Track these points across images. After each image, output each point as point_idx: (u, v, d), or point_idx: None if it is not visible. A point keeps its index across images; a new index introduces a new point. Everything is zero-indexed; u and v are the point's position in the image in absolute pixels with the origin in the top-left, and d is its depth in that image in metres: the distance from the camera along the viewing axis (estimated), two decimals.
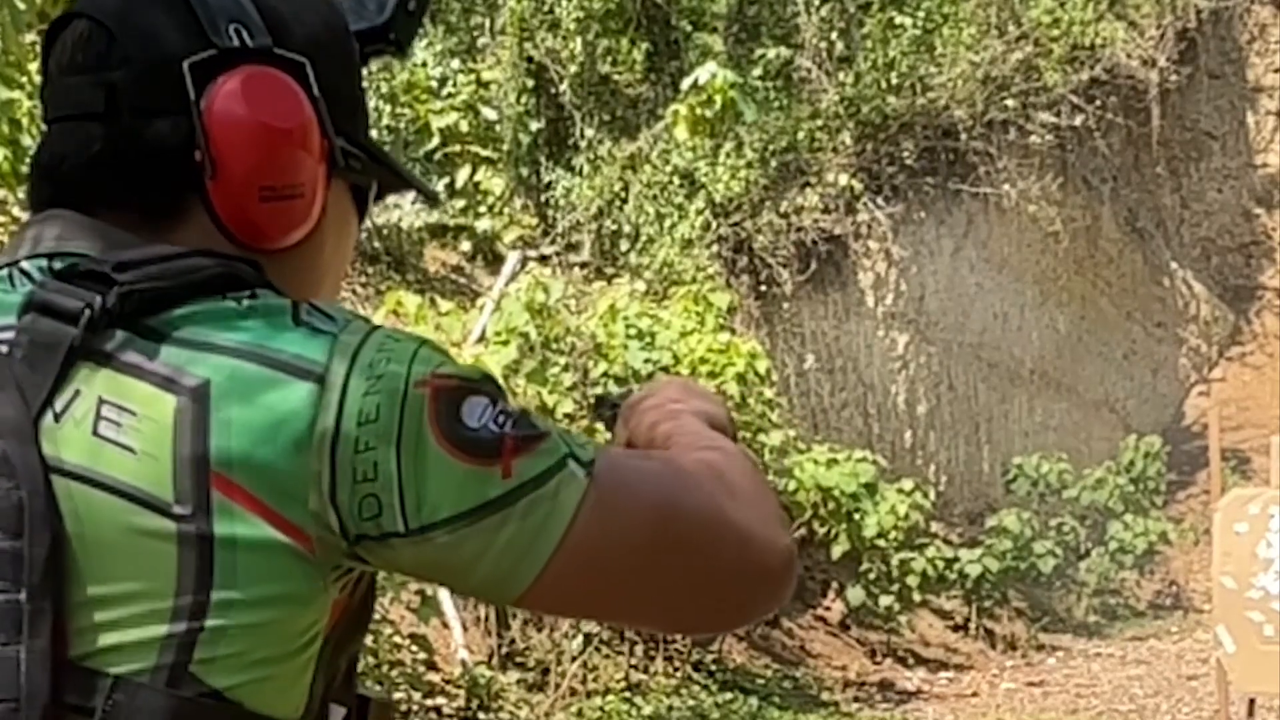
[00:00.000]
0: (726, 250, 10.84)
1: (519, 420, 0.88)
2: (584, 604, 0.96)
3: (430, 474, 0.85)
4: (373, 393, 0.85)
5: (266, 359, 0.86)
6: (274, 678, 0.86)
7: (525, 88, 11.28)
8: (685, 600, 0.93)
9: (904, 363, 12.35)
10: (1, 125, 4.64)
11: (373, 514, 0.85)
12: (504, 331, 7.67)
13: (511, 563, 0.87)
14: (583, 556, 0.88)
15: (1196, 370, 15.99)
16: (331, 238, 0.99)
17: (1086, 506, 12.09)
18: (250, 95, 0.91)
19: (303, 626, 0.87)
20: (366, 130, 1.02)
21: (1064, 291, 14.23)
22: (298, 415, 0.84)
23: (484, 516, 0.86)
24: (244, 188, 0.91)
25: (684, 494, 0.92)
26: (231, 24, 0.92)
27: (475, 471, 0.85)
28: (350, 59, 1.00)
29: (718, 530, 0.92)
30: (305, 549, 0.85)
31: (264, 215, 0.92)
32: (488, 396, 0.88)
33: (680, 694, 8.19)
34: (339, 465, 0.84)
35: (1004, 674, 10.12)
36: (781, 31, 11.74)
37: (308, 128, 0.93)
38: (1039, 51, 12.94)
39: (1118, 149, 14.29)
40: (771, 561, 0.95)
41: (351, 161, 0.97)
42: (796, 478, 9.12)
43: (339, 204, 0.99)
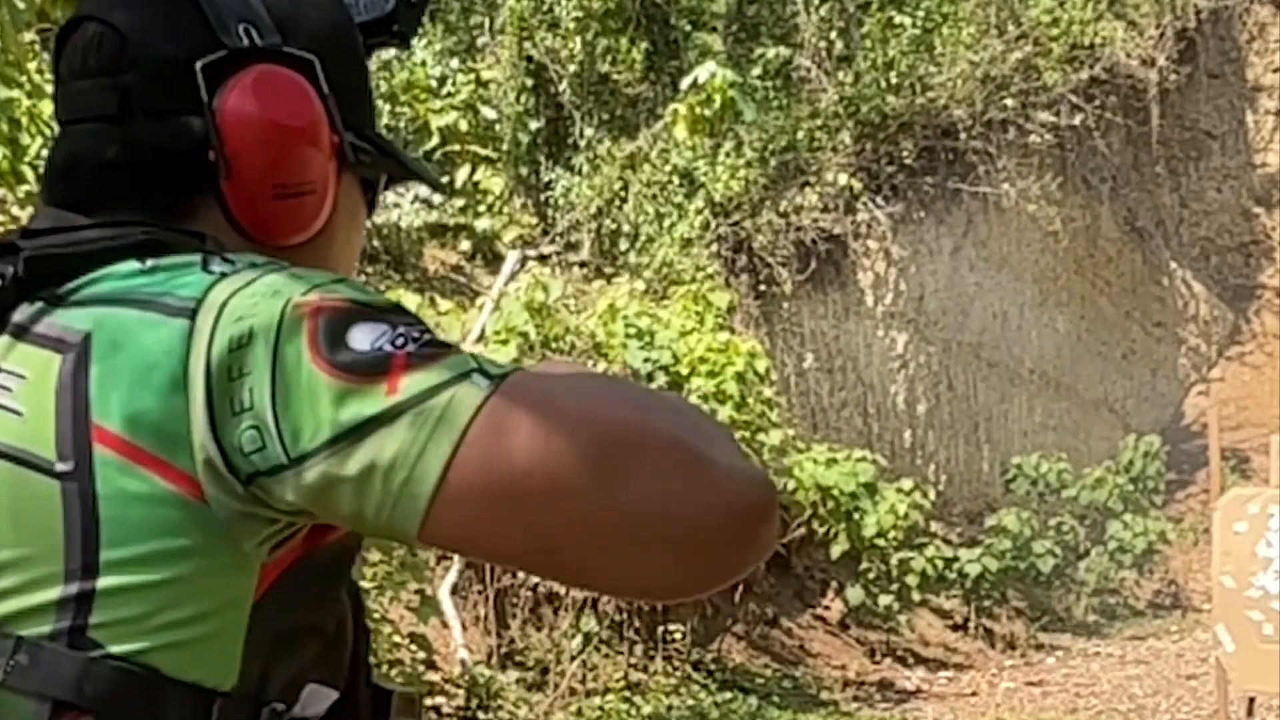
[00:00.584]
0: (726, 249, 10.84)
1: (428, 343, 0.81)
2: (496, 540, 0.80)
3: (306, 397, 0.79)
4: (247, 318, 0.81)
5: (147, 303, 0.84)
6: (189, 643, 0.82)
7: (525, 87, 11.28)
8: (628, 540, 0.77)
9: (903, 362, 12.35)
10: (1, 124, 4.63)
11: (257, 447, 0.80)
12: (503, 331, 7.67)
13: (401, 484, 0.78)
14: (484, 475, 0.77)
15: (1196, 370, 15.99)
16: (343, 230, 1.00)
17: (1086, 506, 12.09)
18: (262, 95, 0.92)
19: (213, 587, 0.82)
20: (374, 123, 1.03)
21: (1063, 291, 14.23)
22: (170, 354, 0.82)
23: (365, 435, 0.78)
24: (258, 186, 0.92)
25: (618, 405, 0.79)
26: (241, 24, 0.94)
27: (355, 389, 0.79)
28: (355, 53, 1.01)
29: (666, 447, 0.77)
30: (196, 498, 0.81)
31: (277, 212, 0.93)
32: (388, 324, 0.81)
33: (679, 693, 8.19)
34: (216, 399, 0.80)
35: (1003, 673, 10.13)
36: (781, 31, 11.74)
37: (318, 125, 0.94)
38: (1038, 51, 12.94)
39: (1117, 149, 14.29)
40: (743, 491, 0.78)
41: (361, 155, 0.98)
42: (796, 477, 9.12)
43: (349, 197, 1.00)
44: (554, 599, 8.04)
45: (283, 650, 0.86)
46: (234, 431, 0.80)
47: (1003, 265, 13.38)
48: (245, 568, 0.84)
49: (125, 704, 0.81)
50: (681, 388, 8.02)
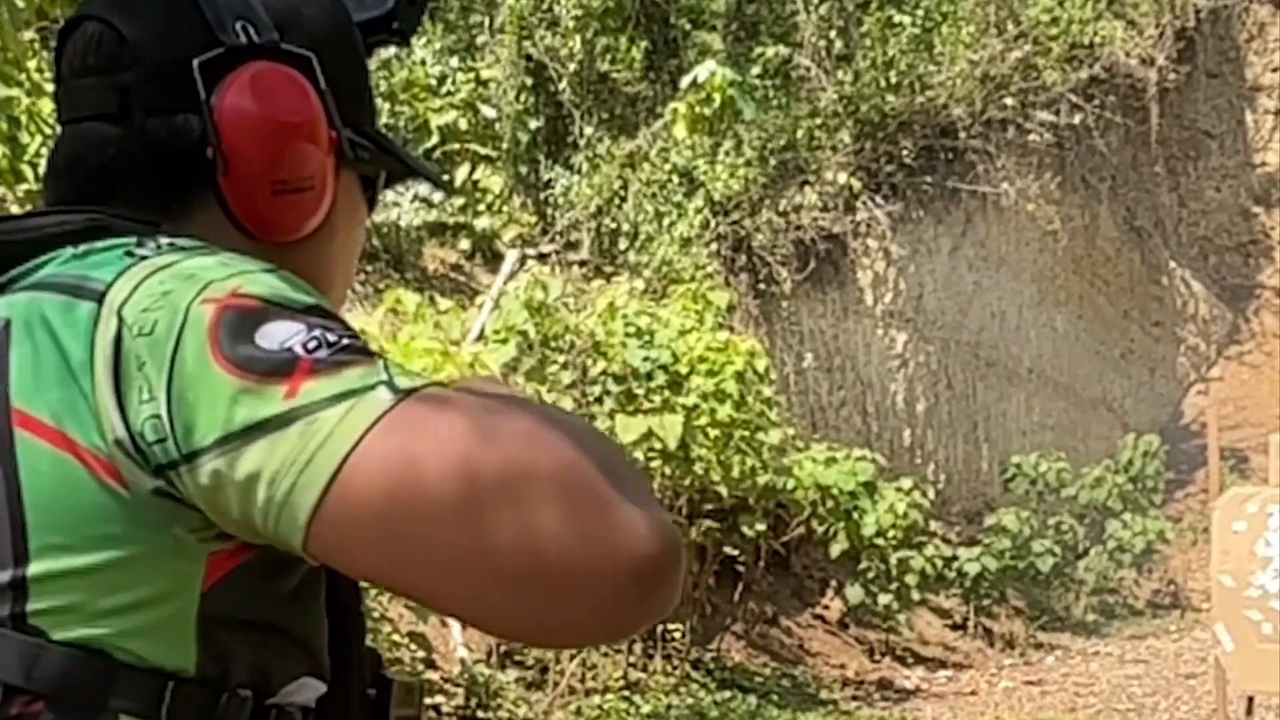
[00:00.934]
0: (725, 248, 10.84)
1: (342, 349, 0.79)
2: (375, 563, 0.76)
3: (203, 393, 0.77)
4: (154, 308, 0.80)
5: (65, 288, 0.84)
6: (137, 629, 0.81)
7: (524, 86, 11.28)
8: (506, 581, 0.74)
9: (902, 361, 12.35)
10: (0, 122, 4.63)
11: (159, 438, 0.79)
12: (503, 330, 7.67)
13: (284, 494, 0.75)
14: (366, 495, 0.74)
15: (1195, 369, 16.00)
16: (343, 227, 1.00)
17: (1085, 505, 12.10)
18: (259, 92, 0.92)
19: (152, 573, 0.81)
20: (374, 120, 1.03)
21: (1062, 290, 14.23)
22: (79, 339, 0.81)
23: (256, 437, 0.75)
24: (256, 183, 0.92)
25: (519, 439, 0.75)
26: (238, 21, 0.94)
27: (252, 389, 0.76)
28: (354, 50, 1.01)
29: (560, 489, 0.74)
30: (116, 483, 0.80)
31: (276, 209, 0.93)
32: (303, 324, 0.79)
33: (679, 692, 8.19)
34: (124, 386, 0.79)
35: (1002, 672, 10.13)
36: (780, 30, 11.74)
37: (316, 121, 0.94)
38: (1038, 50, 12.95)
39: (1116, 148, 14.30)
40: (639, 543, 0.73)
41: (360, 152, 0.98)
42: (795, 476, 9.12)
43: (349, 194, 1.00)
44: None
45: (245, 640, 0.84)
46: (139, 420, 0.79)
47: (1002, 264, 13.39)
48: (187, 554, 0.82)
49: (74, 688, 0.80)
50: (681, 386, 8.02)
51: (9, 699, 0.80)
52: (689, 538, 8.62)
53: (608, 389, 7.89)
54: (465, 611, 0.78)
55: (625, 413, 7.79)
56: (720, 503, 8.64)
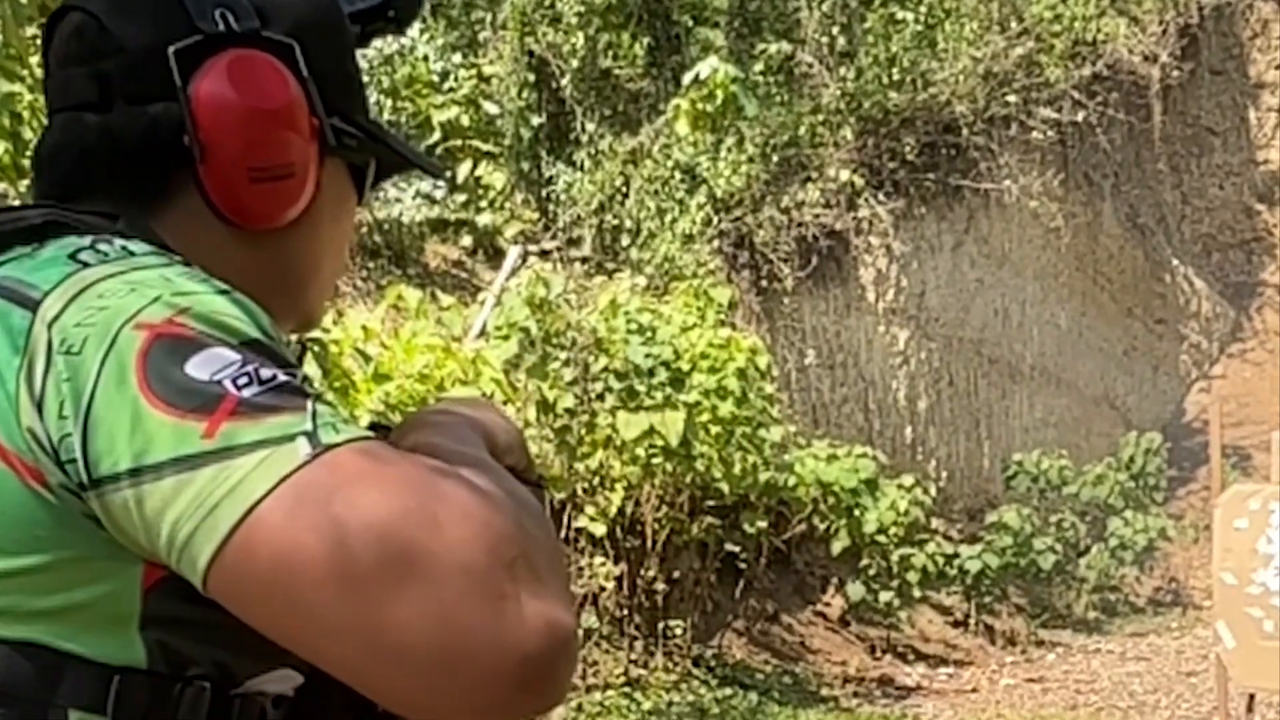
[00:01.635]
0: (727, 245, 10.83)
1: (273, 389, 0.76)
2: (267, 619, 0.75)
3: (120, 421, 0.75)
4: (86, 324, 0.79)
5: (6, 290, 0.83)
6: (79, 627, 0.80)
7: (526, 82, 11.28)
8: (386, 659, 0.72)
9: (905, 358, 12.35)
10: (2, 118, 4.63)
11: (69, 459, 0.77)
12: (505, 326, 7.67)
13: (186, 537, 0.74)
14: (262, 552, 0.73)
15: (1197, 366, 15.99)
16: (329, 216, 0.99)
17: (1087, 503, 12.10)
18: (235, 78, 0.92)
19: (89, 574, 0.79)
20: (364, 109, 1.02)
21: (1065, 287, 14.23)
22: (12, 344, 0.80)
23: (167, 474, 0.74)
24: (233, 169, 0.92)
25: (425, 516, 0.73)
26: (218, 9, 0.94)
27: (172, 425, 0.75)
28: (340, 38, 1.01)
29: (454, 573, 0.72)
30: (41, 487, 0.79)
31: (255, 196, 0.93)
32: (240, 358, 0.77)
33: (680, 689, 8.19)
34: (48, 398, 0.78)
35: (1004, 670, 10.13)
36: (783, 26, 11.73)
37: (295, 108, 0.93)
38: (1040, 47, 12.93)
39: (1119, 145, 14.28)
40: (526, 640, 0.72)
41: (346, 140, 0.97)
42: (797, 473, 9.12)
43: (335, 183, 0.99)
44: None
45: (197, 638, 0.83)
46: (59, 434, 0.78)
47: (1004, 261, 13.38)
48: (122, 556, 0.80)
49: (19, 684, 0.80)
50: (683, 383, 8.02)
51: None
52: (690, 534, 8.63)
53: (609, 386, 7.89)
54: (349, 679, 0.76)
55: (627, 409, 7.79)
56: (722, 499, 8.65)
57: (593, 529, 7.95)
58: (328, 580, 0.72)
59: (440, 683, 0.73)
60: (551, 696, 0.75)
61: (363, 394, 5.63)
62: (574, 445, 7.88)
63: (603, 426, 7.87)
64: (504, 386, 6.51)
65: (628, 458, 7.92)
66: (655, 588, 8.44)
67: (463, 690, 0.73)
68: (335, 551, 0.72)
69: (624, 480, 8.08)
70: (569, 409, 7.76)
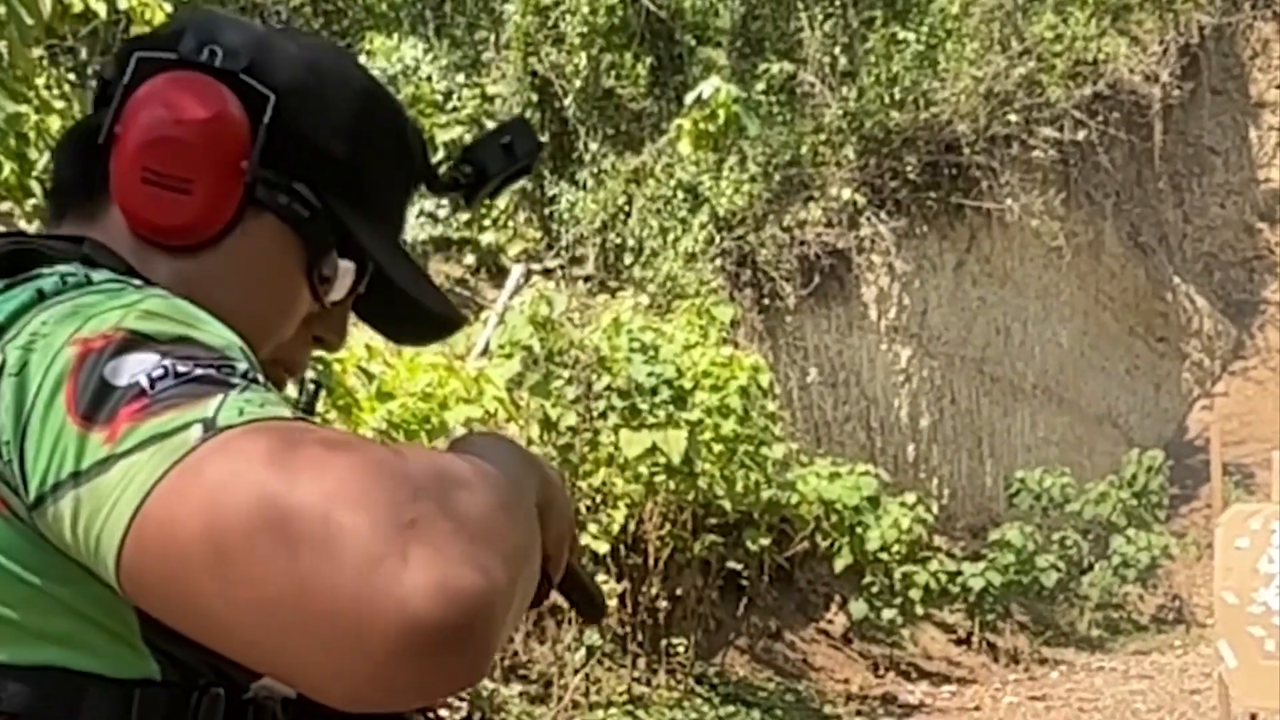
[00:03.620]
0: (730, 264, 10.86)
1: (187, 380, 0.75)
2: (166, 605, 0.73)
3: (45, 439, 0.75)
4: (31, 347, 0.78)
5: None
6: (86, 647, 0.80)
7: (530, 102, 11.33)
8: (282, 626, 0.69)
9: (907, 376, 12.37)
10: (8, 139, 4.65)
11: (9, 485, 0.77)
12: (508, 345, 7.69)
13: (96, 539, 0.73)
14: (156, 538, 0.71)
15: (1199, 384, 16.00)
16: (246, 275, 0.96)
17: (1089, 520, 12.09)
18: (170, 85, 0.94)
19: (77, 596, 0.79)
20: (360, 205, 1.00)
21: (1066, 306, 14.25)
22: None
23: (82, 483, 0.73)
24: (130, 163, 0.93)
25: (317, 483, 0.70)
26: (208, 45, 0.96)
27: (79, 436, 0.74)
28: (349, 123, 0.99)
29: (342, 534, 0.68)
30: (11, 515, 0.78)
31: (143, 197, 0.93)
32: (159, 354, 0.76)
33: (683, 707, 8.19)
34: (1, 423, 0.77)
35: (1006, 688, 10.12)
36: (785, 46, 11.78)
37: (216, 130, 0.93)
38: (1042, 67, 12.99)
39: (1120, 164, 14.32)
40: (427, 607, 0.67)
41: (293, 205, 0.96)
42: (799, 491, 9.13)
43: (267, 244, 0.97)
44: (557, 612, 8.05)
45: (195, 646, 0.80)
46: (5, 458, 0.77)
47: (1006, 280, 13.41)
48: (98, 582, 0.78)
49: (44, 706, 0.80)
50: (685, 402, 8.04)
51: None
52: (693, 552, 8.64)
53: (612, 404, 7.91)
54: (245, 658, 0.73)
55: (629, 427, 7.81)
56: (724, 517, 8.66)
57: (595, 547, 7.95)
58: (205, 560, 0.70)
59: (333, 652, 0.68)
60: (465, 667, 0.69)
61: (366, 412, 5.65)
62: (576, 463, 7.90)
63: (605, 445, 7.89)
64: (507, 405, 6.53)
65: (630, 476, 7.94)
66: (658, 605, 8.45)
67: (355, 659, 0.68)
68: (209, 531, 0.69)
69: (626, 498, 8.09)
70: (572, 427, 7.79)
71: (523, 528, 0.77)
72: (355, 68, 1.03)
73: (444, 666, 0.68)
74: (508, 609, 0.72)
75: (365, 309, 1.08)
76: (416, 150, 1.06)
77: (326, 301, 1.01)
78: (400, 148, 1.04)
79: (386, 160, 1.03)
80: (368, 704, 0.71)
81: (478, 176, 1.09)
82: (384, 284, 1.02)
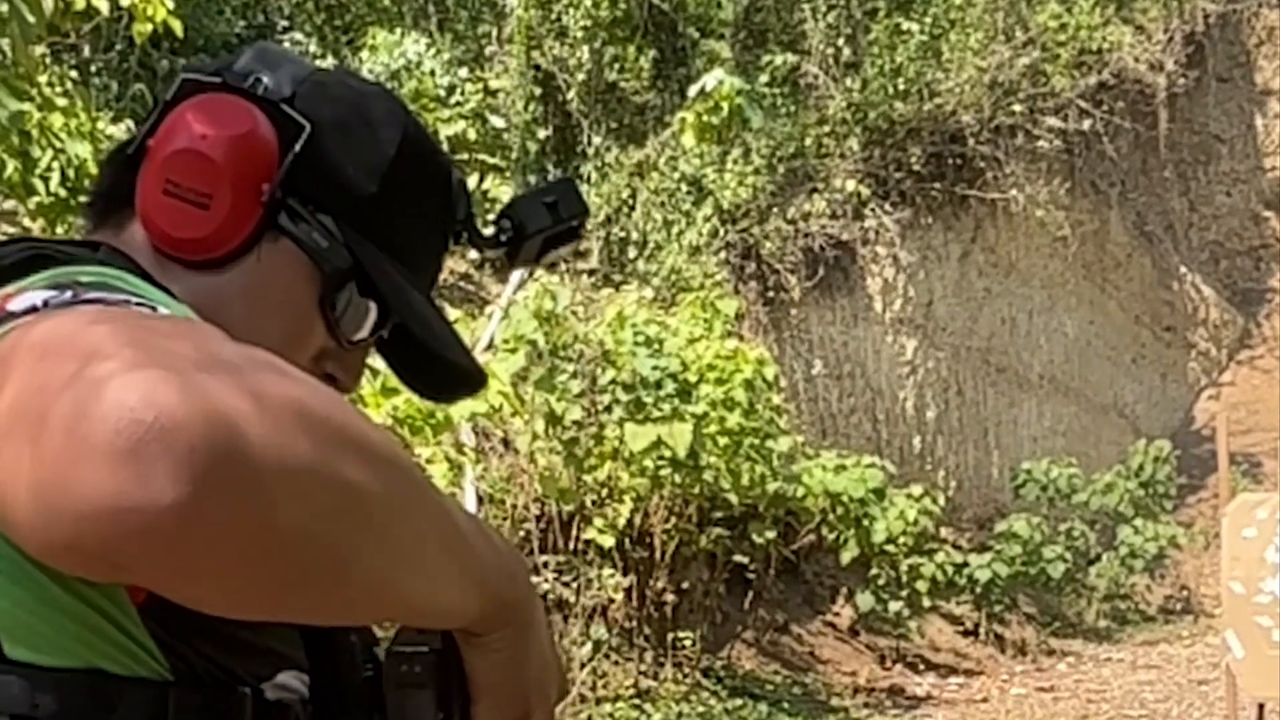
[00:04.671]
0: (734, 257, 10.85)
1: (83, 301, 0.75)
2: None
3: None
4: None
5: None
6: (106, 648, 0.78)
7: (533, 96, 11.32)
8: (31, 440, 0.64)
9: (912, 368, 12.35)
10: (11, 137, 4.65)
11: None
12: (512, 339, 7.69)
13: None
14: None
15: (1206, 374, 15.96)
16: (258, 298, 0.96)
17: (1096, 511, 12.08)
18: (205, 103, 0.96)
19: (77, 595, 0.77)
20: (387, 248, 0.99)
21: (1072, 296, 14.22)
22: None
23: None
24: (155, 174, 0.95)
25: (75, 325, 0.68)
26: (255, 74, 0.98)
27: None
28: (395, 172, 1.00)
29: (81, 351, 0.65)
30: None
31: (162, 207, 0.94)
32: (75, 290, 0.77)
33: (690, 700, 8.19)
34: None
35: (1014, 679, 10.11)
36: (788, 38, 11.76)
37: (242, 151, 0.94)
38: (1046, 56, 12.95)
39: (1125, 153, 14.29)
40: (126, 402, 0.62)
41: (314, 235, 0.96)
42: (805, 484, 9.12)
43: (283, 270, 0.97)
44: (564, 607, 8.06)
45: (202, 646, 0.81)
46: None
47: (1011, 270, 13.38)
48: None
49: (79, 710, 0.78)
50: (690, 395, 8.04)
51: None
52: (699, 545, 8.63)
53: (617, 398, 7.91)
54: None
55: (634, 421, 7.80)
56: (730, 510, 8.65)
57: (601, 541, 7.96)
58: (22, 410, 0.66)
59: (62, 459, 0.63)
60: (168, 487, 0.62)
61: (371, 407, 5.65)
62: (582, 457, 7.90)
63: (610, 438, 7.89)
64: (511, 399, 6.53)
65: (636, 469, 7.93)
66: (664, 599, 8.45)
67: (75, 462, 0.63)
68: (17, 352, 0.68)
69: (632, 492, 8.09)
70: (577, 421, 7.78)
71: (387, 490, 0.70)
72: (402, 113, 1.04)
73: (149, 470, 0.61)
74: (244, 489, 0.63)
75: (390, 357, 1.07)
76: (458, 202, 1.06)
77: (344, 340, 1.00)
78: (437, 197, 1.04)
79: (419, 206, 1.03)
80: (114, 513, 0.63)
81: (516, 233, 1.08)
82: (407, 331, 1.02)
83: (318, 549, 0.68)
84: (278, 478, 0.65)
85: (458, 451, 7.23)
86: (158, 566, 0.65)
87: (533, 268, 1.11)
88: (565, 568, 8.07)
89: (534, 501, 8.16)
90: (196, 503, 0.62)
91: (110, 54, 8.61)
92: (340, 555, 0.69)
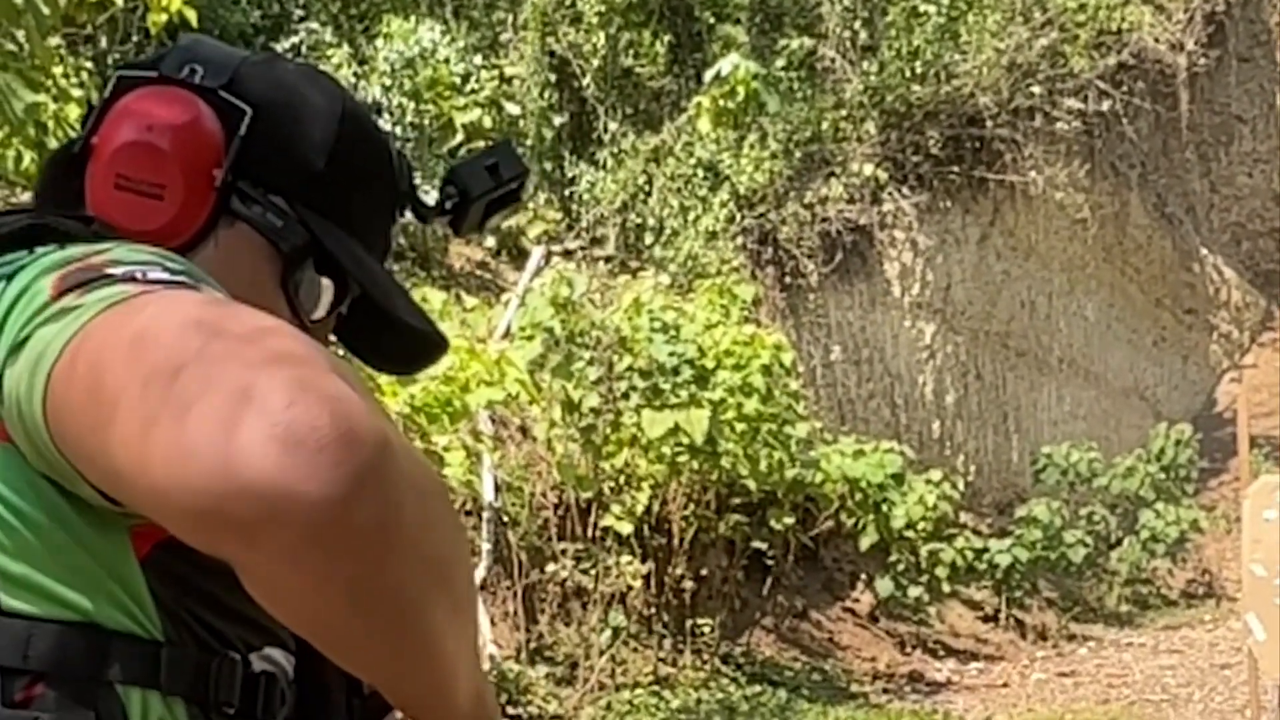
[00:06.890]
0: (751, 242, 10.82)
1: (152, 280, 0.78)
2: (82, 434, 0.73)
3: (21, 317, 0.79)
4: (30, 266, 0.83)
5: None
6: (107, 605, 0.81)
7: (548, 82, 11.29)
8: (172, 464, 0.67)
9: (931, 352, 12.30)
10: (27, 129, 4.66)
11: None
12: (529, 326, 7.69)
13: (31, 371, 0.75)
14: (78, 368, 0.72)
15: (1228, 356, 15.86)
16: (220, 283, 0.95)
17: (1117, 495, 12.02)
18: (145, 96, 0.97)
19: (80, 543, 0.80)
20: (339, 222, 1.01)
21: (1092, 279, 14.14)
22: None
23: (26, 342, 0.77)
24: (105, 170, 0.96)
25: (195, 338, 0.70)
26: (189, 64, 0.99)
27: (45, 303, 0.78)
28: (340, 148, 1.01)
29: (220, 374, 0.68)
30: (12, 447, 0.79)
31: (114, 203, 0.95)
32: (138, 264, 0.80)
33: (709, 687, 8.20)
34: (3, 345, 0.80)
35: (1035, 664, 10.08)
36: (804, 21, 11.70)
37: (189, 139, 0.95)
38: (1065, 37, 12.85)
39: (1146, 134, 14.18)
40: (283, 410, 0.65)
41: (268, 216, 0.97)
42: (823, 469, 9.10)
43: (242, 254, 0.98)
44: (582, 594, 8.07)
45: (199, 610, 0.83)
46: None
47: (1030, 253, 13.31)
48: (108, 526, 0.81)
49: (71, 661, 0.80)
50: (707, 381, 8.02)
51: (9, 683, 0.80)
52: (717, 532, 8.63)
53: (634, 384, 7.90)
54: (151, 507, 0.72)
55: (652, 408, 7.80)
56: (748, 497, 8.64)
57: (619, 528, 7.96)
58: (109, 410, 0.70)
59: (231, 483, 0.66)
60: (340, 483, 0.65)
61: (388, 396, 5.65)
62: (599, 444, 7.89)
63: (628, 425, 7.88)
64: (528, 387, 6.53)
65: (653, 456, 7.93)
66: (683, 586, 8.45)
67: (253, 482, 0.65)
68: (115, 379, 0.71)
69: (650, 479, 8.09)
70: (594, 408, 7.78)
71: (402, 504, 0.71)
72: (338, 90, 1.06)
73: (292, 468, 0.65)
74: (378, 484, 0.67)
75: (349, 336, 1.08)
76: (400, 173, 1.07)
77: (306, 319, 1.01)
78: (382, 170, 1.06)
79: (367, 180, 1.04)
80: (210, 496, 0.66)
81: (461, 198, 1.09)
82: (366, 305, 1.03)
83: (416, 581, 0.72)
84: (412, 519, 0.69)
85: (475, 440, 7.24)
86: (280, 552, 0.67)
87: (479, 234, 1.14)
88: (583, 555, 8.08)
89: (552, 489, 8.16)
90: (346, 509, 0.66)
91: (126, 45, 8.63)
92: (421, 600, 0.72)
